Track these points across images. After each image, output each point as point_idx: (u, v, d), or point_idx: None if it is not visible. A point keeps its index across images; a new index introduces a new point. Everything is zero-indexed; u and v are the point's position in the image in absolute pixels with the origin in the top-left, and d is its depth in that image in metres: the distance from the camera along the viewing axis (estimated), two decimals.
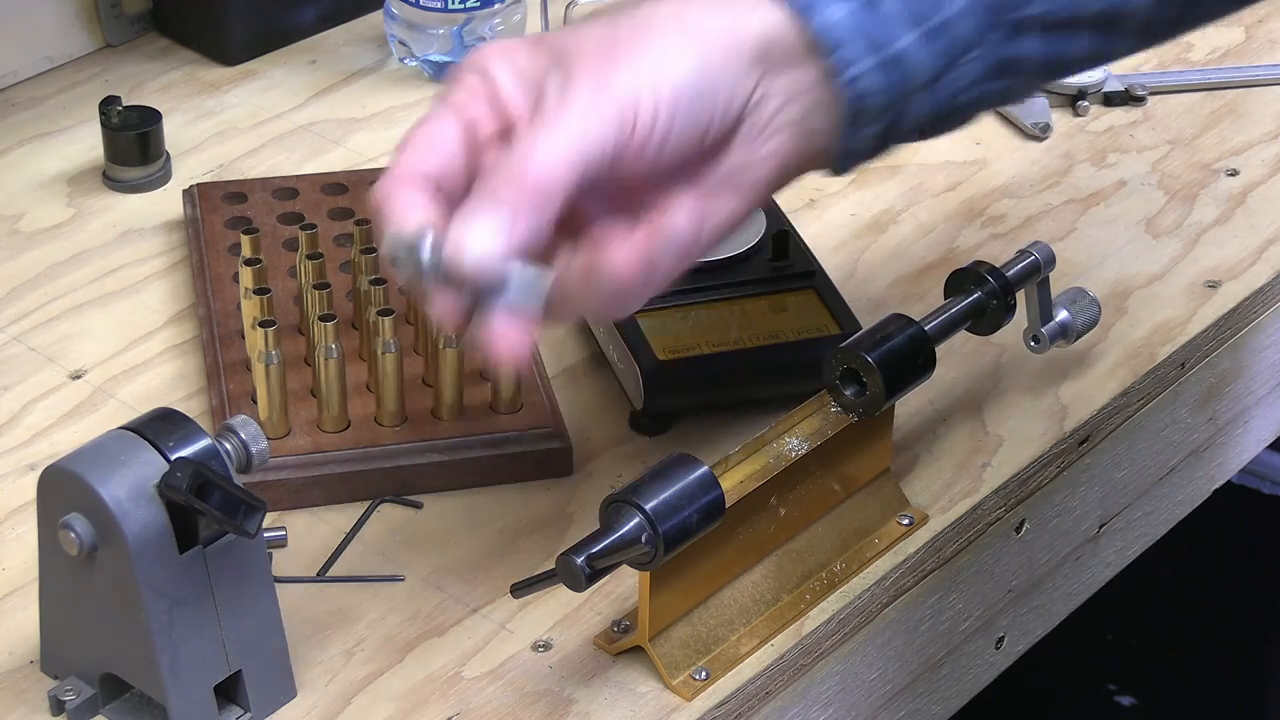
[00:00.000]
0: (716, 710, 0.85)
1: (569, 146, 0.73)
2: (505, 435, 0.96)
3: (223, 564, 0.80)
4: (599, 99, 0.74)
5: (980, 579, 0.98)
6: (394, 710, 0.84)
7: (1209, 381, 1.09)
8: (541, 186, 0.73)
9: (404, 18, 1.28)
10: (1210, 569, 1.89)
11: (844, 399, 0.90)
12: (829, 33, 0.77)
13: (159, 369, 1.03)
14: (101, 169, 1.19)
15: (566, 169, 0.73)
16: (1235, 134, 1.23)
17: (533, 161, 0.73)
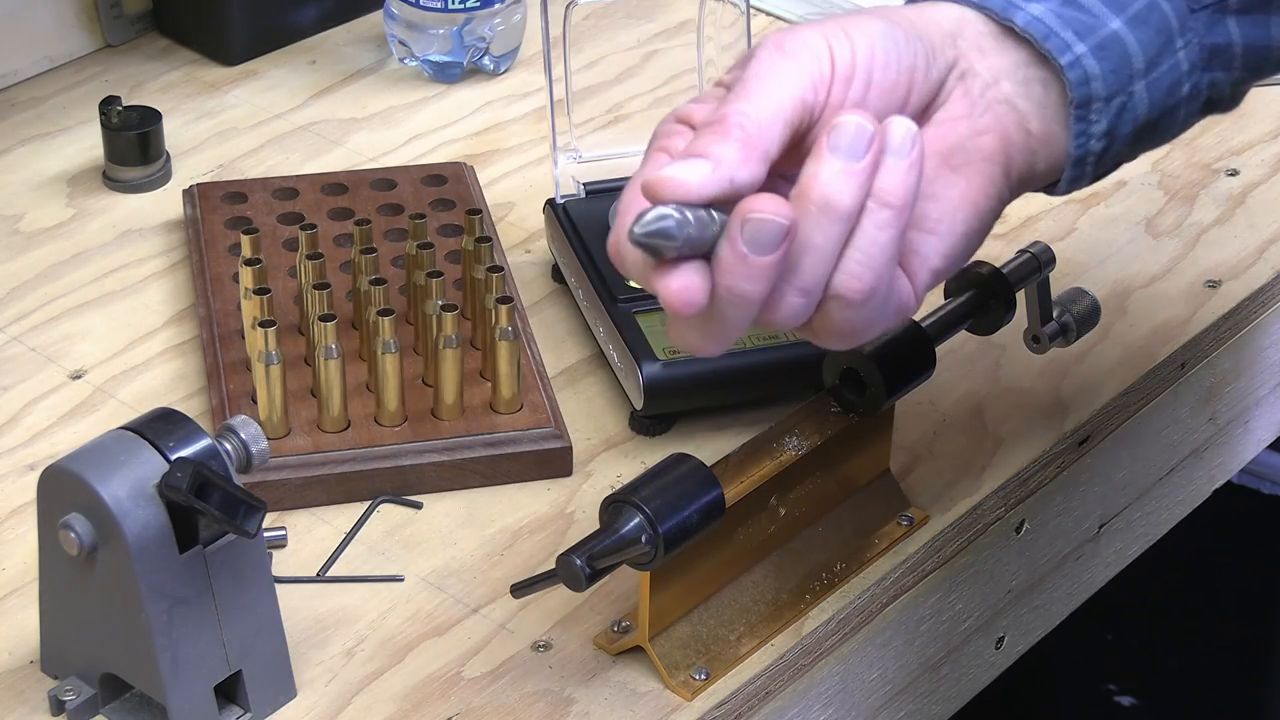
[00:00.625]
0: (716, 710, 0.85)
1: (761, 93, 0.72)
2: (505, 435, 0.96)
3: (223, 564, 0.80)
4: (787, 53, 0.73)
5: (980, 579, 0.98)
6: (394, 710, 0.84)
7: (1209, 381, 1.09)
8: (740, 124, 0.72)
9: (404, 18, 1.28)
10: (1210, 569, 1.90)
11: (844, 399, 0.90)
12: (1034, 25, 0.78)
13: (159, 369, 1.03)
14: (101, 169, 1.19)
15: (765, 110, 0.72)
16: (1235, 134, 1.23)
17: (728, 111, 0.72)
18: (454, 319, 0.95)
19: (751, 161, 0.71)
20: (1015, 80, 0.79)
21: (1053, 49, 0.78)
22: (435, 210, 1.11)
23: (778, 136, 0.72)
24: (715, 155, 0.71)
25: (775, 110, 0.72)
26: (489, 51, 1.28)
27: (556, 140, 1.08)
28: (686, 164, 0.71)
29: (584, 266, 1.03)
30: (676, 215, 0.70)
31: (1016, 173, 0.80)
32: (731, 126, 0.72)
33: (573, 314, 1.07)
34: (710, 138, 0.72)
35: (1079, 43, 0.79)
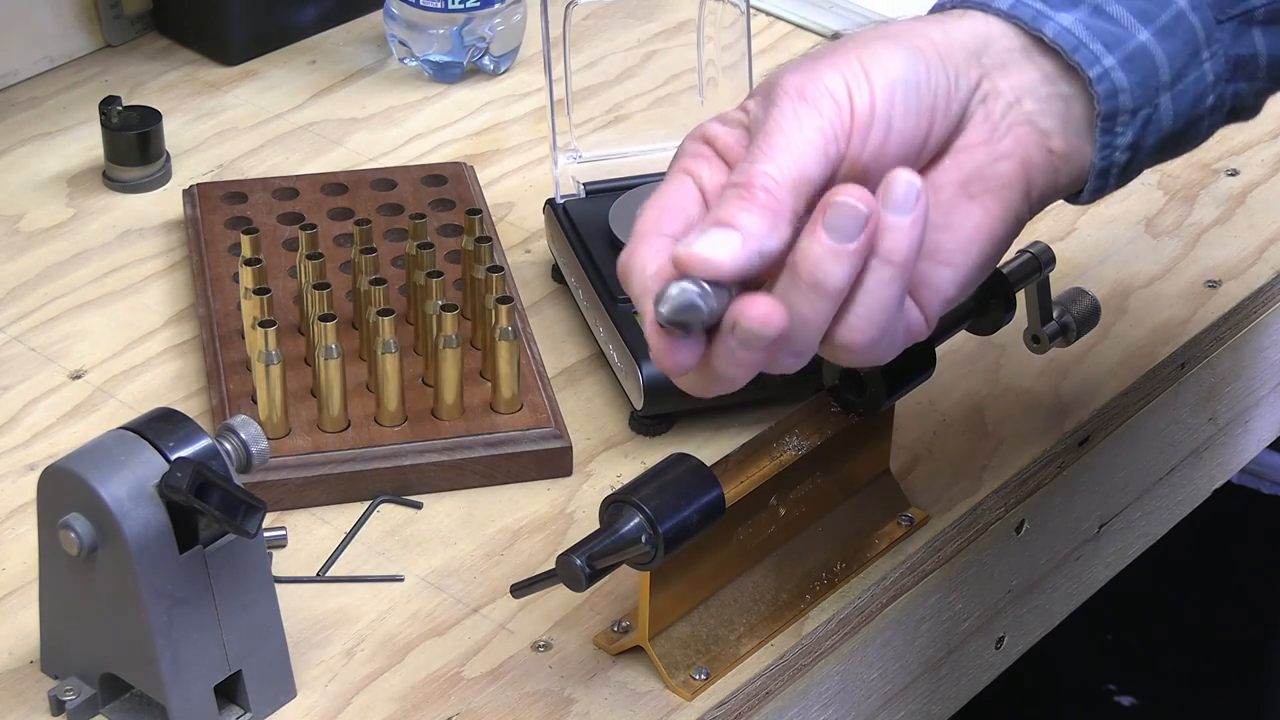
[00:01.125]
0: (716, 710, 0.85)
1: (787, 149, 0.72)
2: (505, 435, 0.96)
3: (223, 564, 0.80)
4: (809, 100, 0.73)
5: (980, 579, 0.98)
6: (394, 710, 0.84)
7: (1209, 381, 1.09)
8: (767, 189, 0.72)
9: (404, 18, 1.28)
10: (1210, 569, 1.90)
11: (844, 399, 0.90)
12: (1064, 36, 0.77)
13: (159, 369, 1.03)
14: (101, 169, 1.19)
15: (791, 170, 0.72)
16: (1235, 134, 1.23)
17: (753, 172, 0.72)
18: (454, 319, 0.95)
19: (779, 228, 0.72)
20: (1038, 97, 0.78)
21: (1082, 61, 0.77)
22: (435, 210, 1.11)
23: (803, 195, 0.72)
24: (745, 227, 0.71)
25: (799, 171, 0.72)
26: (489, 51, 1.28)
27: (556, 140, 1.08)
28: (716, 239, 0.71)
29: (584, 266, 1.03)
30: (698, 292, 0.71)
31: (1037, 192, 0.79)
32: (758, 191, 0.71)
33: (573, 314, 1.07)
34: (737, 205, 0.72)
35: (1108, 55, 0.78)
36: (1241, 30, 0.81)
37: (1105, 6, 0.78)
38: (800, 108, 0.73)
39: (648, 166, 1.07)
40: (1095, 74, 0.78)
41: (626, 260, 0.75)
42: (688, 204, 0.75)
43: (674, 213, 0.75)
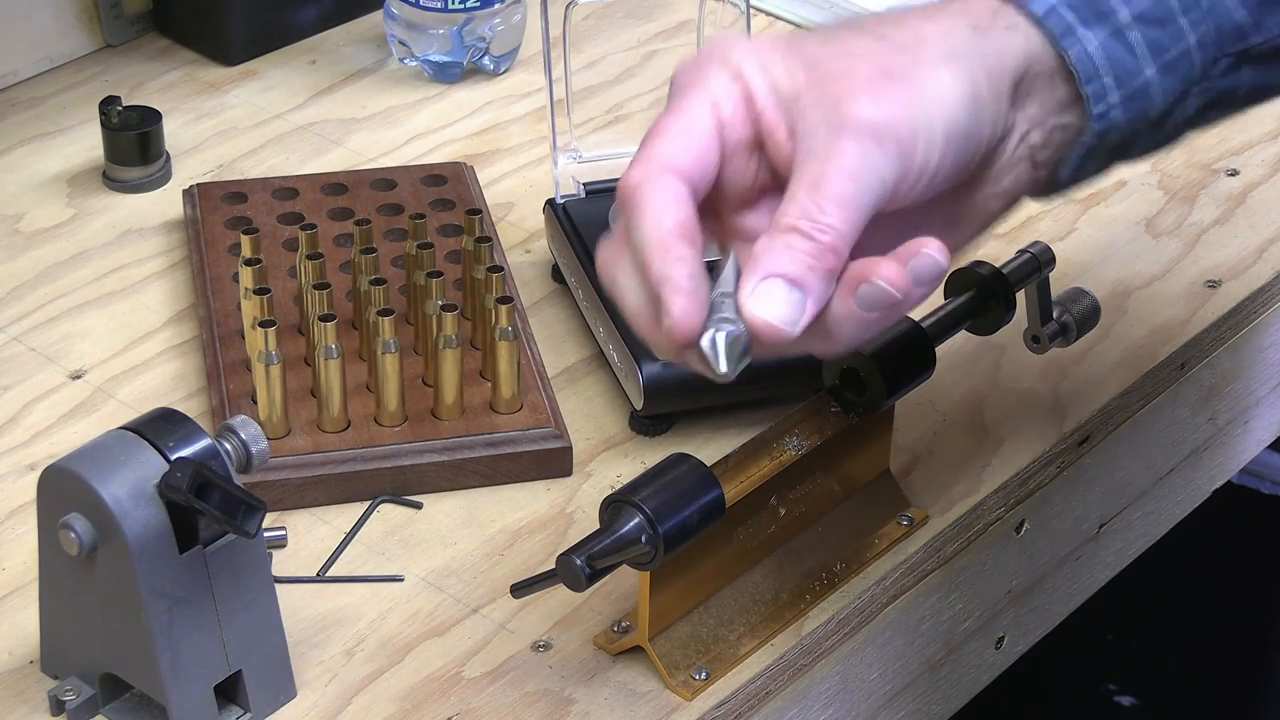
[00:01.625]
0: (716, 710, 0.85)
1: (856, 197, 0.71)
2: (505, 435, 0.96)
3: (223, 564, 0.80)
4: (881, 145, 0.71)
5: (980, 579, 0.98)
6: (394, 710, 0.84)
7: (1209, 381, 1.09)
8: (836, 249, 0.71)
9: (404, 18, 1.28)
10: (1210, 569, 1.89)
11: (844, 399, 0.90)
12: (1084, 62, 0.76)
13: (159, 369, 1.03)
14: (101, 169, 1.19)
15: (855, 225, 0.71)
16: (1235, 134, 1.23)
17: (823, 227, 0.70)
18: (454, 319, 0.95)
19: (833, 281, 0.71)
20: (1044, 129, 0.77)
21: (1091, 94, 0.76)
22: (435, 210, 1.11)
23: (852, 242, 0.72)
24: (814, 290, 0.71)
25: (861, 224, 0.71)
26: (489, 51, 1.28)
27: (556, 140, 1.08)
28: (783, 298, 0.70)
29: (584, 266, 1.03)
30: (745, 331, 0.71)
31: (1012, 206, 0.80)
32: (828, 253, 0.70)
33: (573, 314, 1.07)
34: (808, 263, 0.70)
35: (1115, 91, 0.77)
36: (1235, 67, 0.80)
37: (1126, 33, 0.77)
38: (872, 153, 0.71)
39: None
40: (1098, 111, 0.77)
41: (632, 188, 0.72)
42: (706, 143, 0.73)
43: (688, 144, 0.73)
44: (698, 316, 0.71)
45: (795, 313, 0.70)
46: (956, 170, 0.75)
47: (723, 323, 0.71)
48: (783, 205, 0.72)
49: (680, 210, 0.72)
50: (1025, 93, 0.77)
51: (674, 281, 0.71)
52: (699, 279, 0.71)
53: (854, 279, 0.72)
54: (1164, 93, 0.78)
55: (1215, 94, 0.80)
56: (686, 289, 0.71)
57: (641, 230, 0.72)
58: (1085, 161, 0.79)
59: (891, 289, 0.71)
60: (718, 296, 0.72)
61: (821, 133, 0.72)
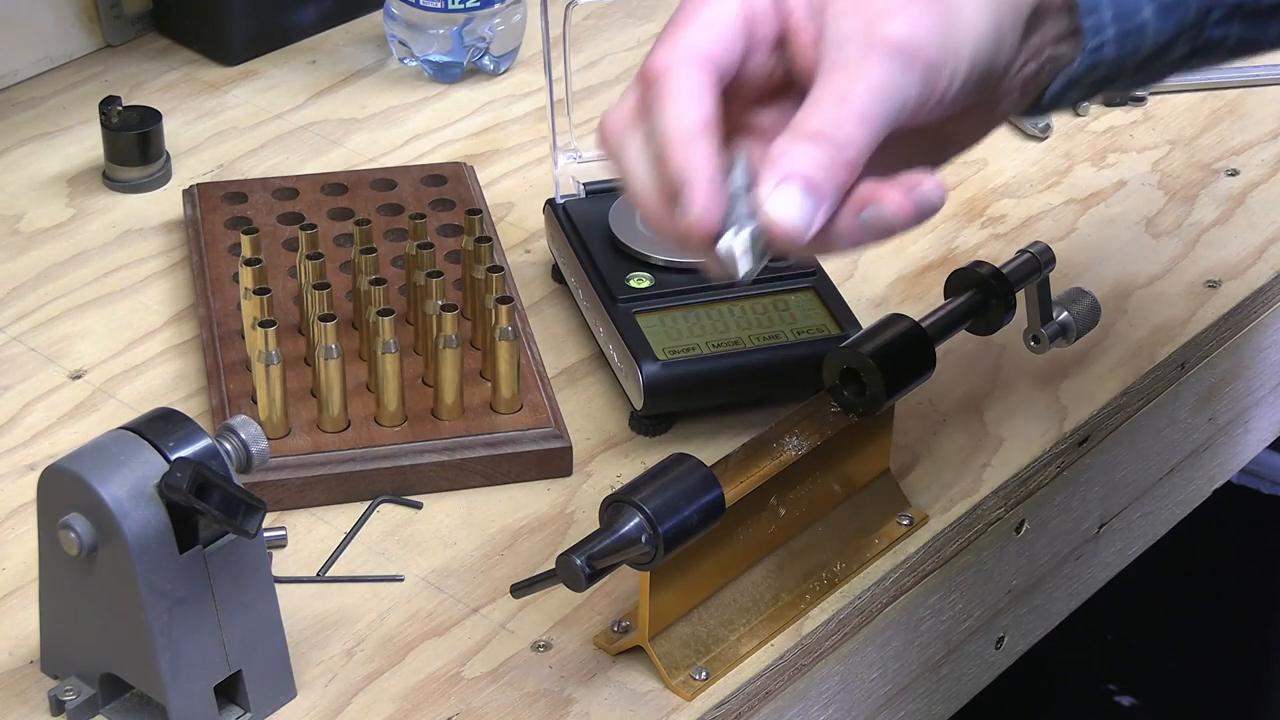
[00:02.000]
0: (716, 710, 0.85)
1: (879, 116, 0.71)
2: (505, 435, 0.96)
3: (223, 564, 0.80)
4: (911, 68, 0.72)
5: (980, 579, 0.98)
6: (394, 710, 0.84)
7: (1209, 381, 1.09)
8: (854, 164, 0.71)
9: (404, 18, 1.28)
10: (1210, 569, 1.89)
11: (844, 399, 0.90)
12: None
13: (159, 369, 1.03)
14: (101, 169, 1.19)
15: (873, 143, 0.72)
16: (1235, 134, 1.23)
17: (845, 138, 0.71)
18: (454, 319, 0.95)
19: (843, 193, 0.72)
20: (1038, 60, 0.78)
21: (1088, 28, 0.77)
22: (435, 210, 1.11)
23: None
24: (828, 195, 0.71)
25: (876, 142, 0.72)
26: (489, 51, 1.28)
27: (556, 140, 1.08)
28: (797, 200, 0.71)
29: (584, 266, 1.03)
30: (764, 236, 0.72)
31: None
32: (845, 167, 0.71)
33: (573, 314, 1.07)
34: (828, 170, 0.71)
35: (1112, 26, 0.77)
36: (1226, 19, 0.81)
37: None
38: (900, 75, 0.72)
39: None
40: (1091, 45, 0.78)
41: (659, 73, 0.72)
42: (733, 32, 0.73)
43: (718, 33, 0.73)
44: (719, 215, 0.72)
45: (809, 218, 0.71)
46: (970, 97, 0.75)
47: (741, 221, 0.72)
48: (806, 109, 0.72)
49: (705, 104, 0.72)
50: (1034, 25, 0.77)
51: (696, 180, 0.72)
52: (720, 178, 0.72)
53: (860, 199, 0.73)
54: (1156, 34, 0.79)
55: (1204, 42, 0.81)
56: (708, 188, 0.72)
57: (664, 121, 0.72)
58: (1067, 90, 0.80)
59: (895, 216, 0.72)
60: (731, 194, 0.72)
61: (853, 45, 0.72)
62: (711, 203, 0.72)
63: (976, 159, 1.20)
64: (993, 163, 1.20)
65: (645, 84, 0.73)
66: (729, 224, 0.72)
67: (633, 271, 1.02)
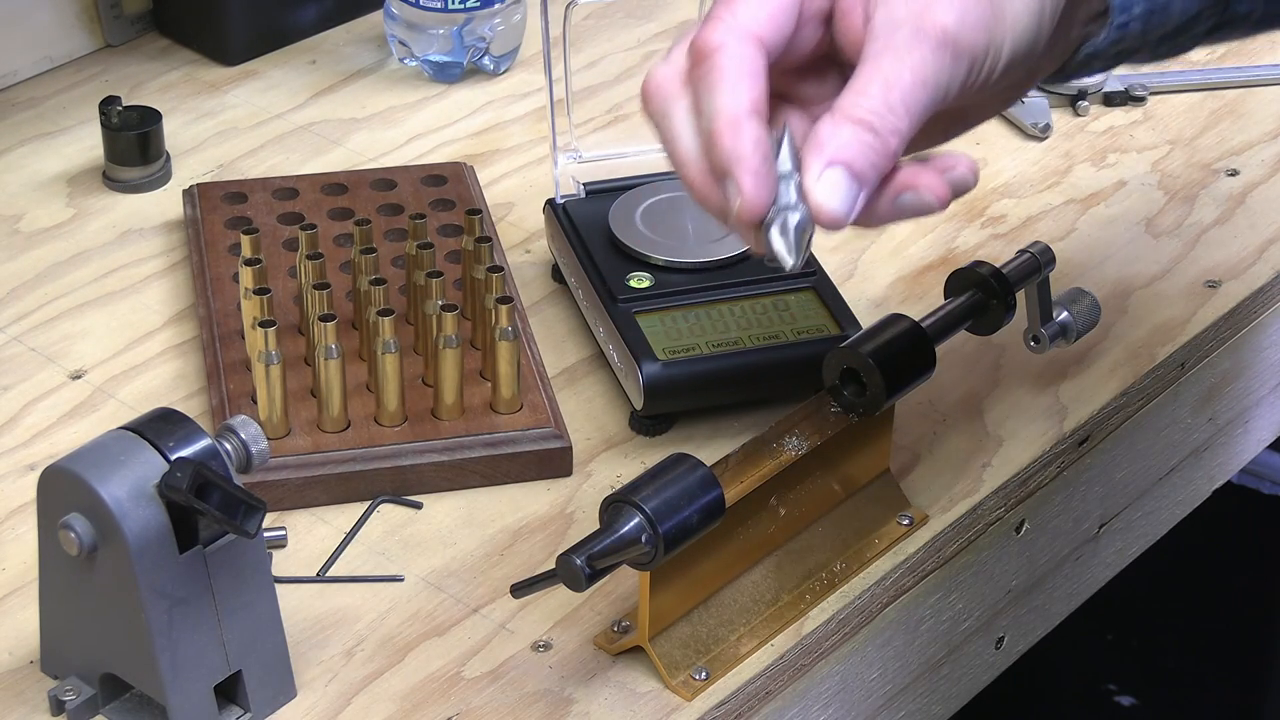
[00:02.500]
0: (716, 710, 0.85)
1: (924, 104, 0.72)
2: (505, 435, 0.96)
3: (223, 564, 0.80)
4: (957, 60, 0.73)
5: (980, 579, 0.98)
6: (394, 710, 0.84)
7: (1209, 381, 1.09)
8: (896, 152, 0.73)
9: (404, 18, 1.28)
10: (1210, 569, 1.90)
11: (844, 399, 0.90)
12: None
13: (159, 369, 1.03)
14: (101, 169, 1.19)
15: (915, 130, 0.73)
16: (1235, 134, 1.23)
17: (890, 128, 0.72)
18: (454, 319, 0.95)
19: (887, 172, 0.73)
20: (1069, 38, 0.79)
21: (1116, 5, 0.78)
22: (435, 210, 1.11)
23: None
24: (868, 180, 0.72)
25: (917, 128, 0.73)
26: (489, 51, 1.28)
27: (556, 140, 1.08)
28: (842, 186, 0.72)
29: (584, 266, 1.03)
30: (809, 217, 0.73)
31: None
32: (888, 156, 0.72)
33: (573, 314, 1.07)
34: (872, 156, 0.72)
35: (1139, 4, 0.78)
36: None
37: None
38: (947, 67, 0.73)
39: (648, 166, 1.07)
40: (1119, 22, 0.78)
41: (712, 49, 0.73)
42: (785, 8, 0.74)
43: (772, 10, 0.74)
44: (768, 198, 0.73)
45: (851, 203, 0.72)
46: (1004, 81, 0.76)
47: (786, 211, 0.73)
48: (852, 93, 0.73)
49: (757, 84, 0.73)
50: (1071, 9, 0.78)
51: (747, 162, 0.72)
52: (770, 160, 0.73)
53: (899, 185, 0.74)
54: (1183, 11, 0.79)
55: (1229, 17, 0.81)
56: (758, 170, 0.72)
57: (715, 100, 0.73)
58: (1090, 60, 0.80)
59: (934, 200, 0.74)
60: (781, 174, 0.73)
61: (904, 32, 0.73)
62: (761, 188, 0.73)
63: (976, 159, 1.20)
64: (993, 163, 1.20)
65: (698, 57, 0.74)
66: (775, 211, 0.73)
67: (633, 271, 1.02)
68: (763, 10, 0.74)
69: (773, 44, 0.74)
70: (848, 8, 0.75)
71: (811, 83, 0.78)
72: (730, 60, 0.73)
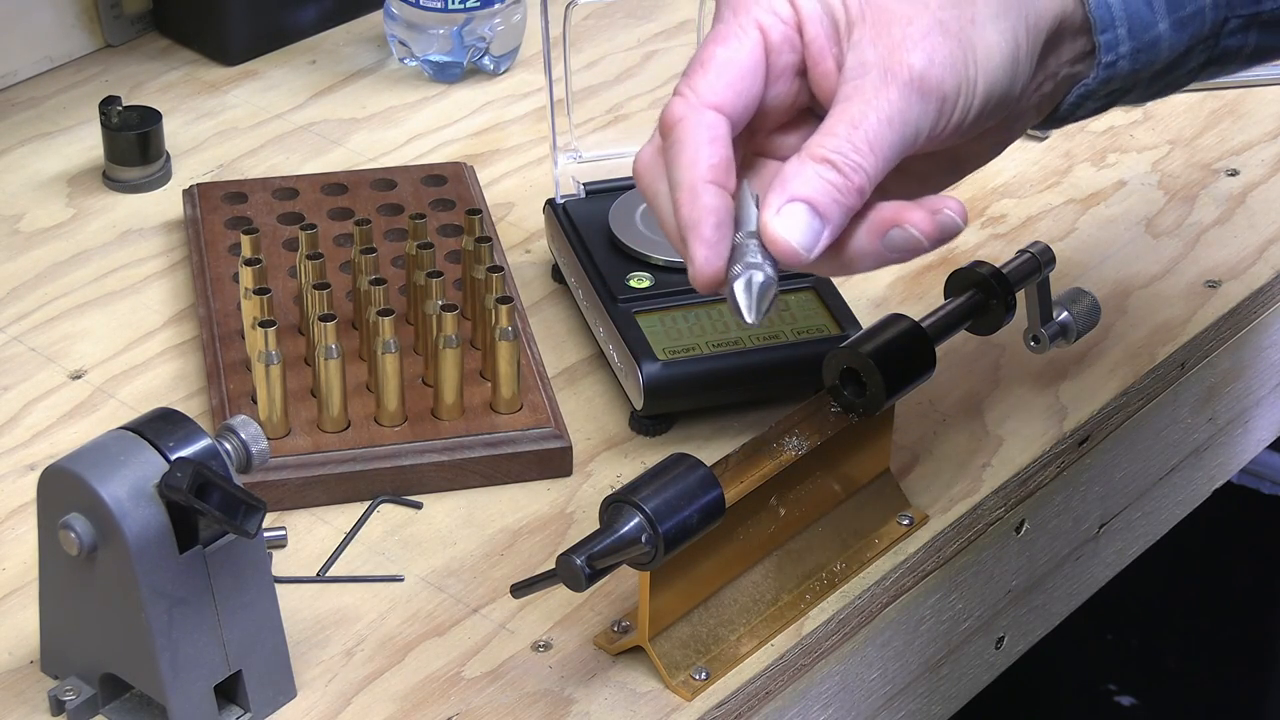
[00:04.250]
0: (716, 710, 0.85)
1: (892, 145, 0.73)
2: (505, 435, 0.96)
3: (223, 564, 0.80)
4: (925, 101, 0.73)
5: (980, 579, 0.98)
6: (394, 710, 0.84)
7: (1209, 381, 1.09)
8: (862, 190, 0.73)
9: (404, 18, 1.28)
10: (1210, 569, 1.90)
11: (844, 399, 0.90)
12: (1103, 11, 0.77)
13: (159, 369, 1.03)
14: (101, 169, 1.19)
15: (883, 170, 0.73)
16: (1235, 134, 1.23)
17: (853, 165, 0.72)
18: (454, 319, 0.95)
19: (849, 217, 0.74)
20: (1056, 80, 0.79)
21: (1103, 44, 0.78)
22: (435, 210, 1.11)
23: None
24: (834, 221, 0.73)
25: (887, 169, 0.73)
26: (489, 51, 1.28)
27: (556, 140, 1.08)
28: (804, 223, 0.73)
29: (584, 266, 1.03)
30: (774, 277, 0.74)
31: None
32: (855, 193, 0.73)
33: (573, 314, 1.07)
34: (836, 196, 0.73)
35: (1126, 42, 0.78)
36: (1241, 28, 0.81)
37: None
38: (915, 107, 0.73)
39: None
40: (1106, 60, 0.78)
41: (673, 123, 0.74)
42: (750, 69, 0.75)
43: (733, 77, 0.75)
44: (719, 265, 0.74)
45: (813, 239, 0.73)
46: (984, 124, 0.76)
47: (750, 268, 0.74)
48: (819, 134, 0.73)
49: (716, 151, 0.74)
50: (1051, 48, 0.78)
51: (699, 230, 0.74)
52: (724, 226, 0.74)
53: (884, 221, 0.74)
54: (1171, 48, 0.79)
55: (1220, 52, 0.81)
56: (709, 239, 0.74)
57: (677, 169, 0.74)
58: (1082, 102, 0.80)
59: (921, 237, 0.74)
60: (743, 237, 0.74)
61: (872, 76, 0.73)
62: (712, 253, 0.74)
63: None
64: (993, 163, 1.20)
65: (663, 132, 0.76)
66: (740, 269, 0.74)
67: (633, 271, 1.02)
68: (720, 80, 0.75)
69: (735, 110, 0.75)
70: (818, 58, 0.76)
71: (796, 137, 0.78)
72: (689, 131, 0.74)
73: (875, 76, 0.73)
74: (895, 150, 0.73)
